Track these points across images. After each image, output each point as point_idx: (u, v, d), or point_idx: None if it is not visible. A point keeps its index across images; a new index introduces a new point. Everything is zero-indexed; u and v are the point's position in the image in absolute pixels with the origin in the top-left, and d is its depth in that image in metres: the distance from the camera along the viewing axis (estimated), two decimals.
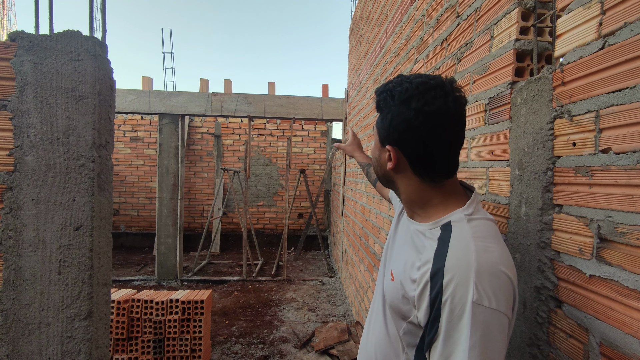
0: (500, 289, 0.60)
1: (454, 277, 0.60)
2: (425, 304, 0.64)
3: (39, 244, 0.89)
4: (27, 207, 0.89)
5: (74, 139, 0.90)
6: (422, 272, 0.66)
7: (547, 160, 0.85)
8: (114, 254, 6.94)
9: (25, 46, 0.89)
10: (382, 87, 0.76)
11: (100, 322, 0.93)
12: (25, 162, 0.89)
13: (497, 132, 1.09)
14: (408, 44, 2.09)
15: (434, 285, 0.62)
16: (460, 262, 0.61)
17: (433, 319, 0.62)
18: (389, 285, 0.77)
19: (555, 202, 0.83)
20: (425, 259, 0.67)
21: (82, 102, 0.89)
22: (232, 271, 5.80)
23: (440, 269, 0.62)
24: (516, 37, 1.00)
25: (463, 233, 0.66)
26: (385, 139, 0.75)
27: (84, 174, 0.90)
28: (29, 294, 0.88)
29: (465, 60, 1.32)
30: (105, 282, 0.96)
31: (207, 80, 5.57)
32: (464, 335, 0.58)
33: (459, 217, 0.69)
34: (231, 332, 3.58)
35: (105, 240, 0.96)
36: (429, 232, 0.71)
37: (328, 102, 5.36)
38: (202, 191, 7.89)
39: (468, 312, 0.58)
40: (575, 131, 0.77)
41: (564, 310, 0.79)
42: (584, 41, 0.74)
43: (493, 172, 1.12)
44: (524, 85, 0.95)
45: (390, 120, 0.72)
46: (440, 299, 0.61)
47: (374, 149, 0.81)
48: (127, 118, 7.74)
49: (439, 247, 0.66)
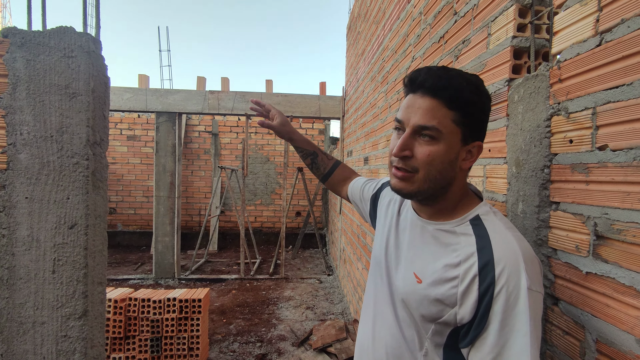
0: (539, 273, 0.64)
1: (505, 266, 0.61)
2: (473, 299, 0.63)
3: (33, 243, 0.88)
4: (20, 206, 0.88)
5: (67, 137, 0.89)
6: (466, 268, 0.64)
7: (544, 157, 0.85)
8: (111, 252, 6.92)
9: (17, 42, 0.88)
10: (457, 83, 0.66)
11: (95, 321, 0.93)
12: (19, 160, 0.88)
13: (494, 129, 1.09)
14: (405, 41, 2.08)
15: (484, 277, 0.62)
16: (508, 252, 0.62)
17: (483, 312, 0.61)
18: (414, 288, 0.72)
19: (552, 200, 0.83)
20: (466, 254, 0.66)
21: (75, 99, 0.88)
22: (230, 270, 5.79)
23: (489, 261, 0.62)
24: (513, 34, 1.00)
25: (496, 225, 0.67)
26: (474, 134, 0.69)
27: (78, 172, 0.89)
28: (23, 292, 0.87)
29: (463, 58, 1.32)
30: (101, 280, 0.95)
31: (204, 78, 5.55)
32: (521, 321, 0.58)
33: (486, 211, 0.70)
34: (229, 331, 3.58)
35: (100, 238, 0.95)
36: (458, 229, 0.70)
37: (325, 100, 5.35)
38: (200, 189, 7.87)
39: (524, 298, 0.59)
40: (572, 128, 0.76)
41: (561, 307, 0.79)
42: (580, 38, 0.74)
43: (490, 169, 1.12)
44: (521, 82, 0.94)
45: (482, 114, 0.69)
46: (493, 290, 0.60)
47: (446, 153, 0.67)
48: (123, 116, 7.70)
49: (479, 241, 0.65)
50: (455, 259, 0.67)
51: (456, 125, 0.66)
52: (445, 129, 0.66)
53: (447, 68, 0.68)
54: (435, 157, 0.67)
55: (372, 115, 3.07)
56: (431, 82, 0.66)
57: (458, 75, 0.67)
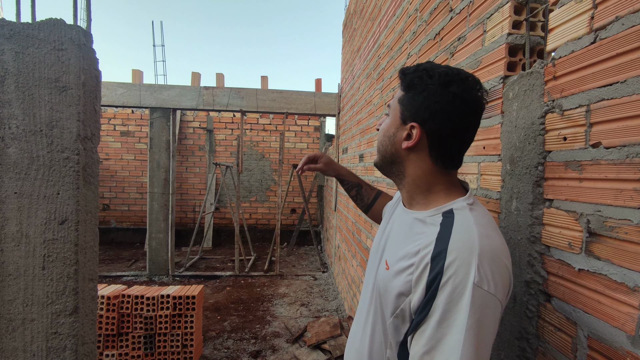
0: (499, 275, 0.61)
1: (456, 259, 0.60)
2: (422, 287, 0.62)
3: (22, 239, 0.86)
4: (9, 201, 0.86)
5: (57, 131, 0.87)
6: (422, 256, 0.65)
7: (538, 155, 0.85)
8: (104, 249, 6.87)
9: (5, 34, 0.86)
10: (414, 67, 0.75)
11: (86, 318, 0.92)
12: (7, 154, 0.86)
13: (489, 126, 1.09)
14: (401, 38, 2.07)
15: (434, 266, 0.61)
16: (464, 245, 0.61)
17: (427, 300, 0.61)
18: (383, 275, 0.74)
19: (545, 197, 0.83)
20: (426, 242, 0.66)
21: (66, 93, 0.86)
22: (225, 266, 5.78)
23: (442, 251, 0.62)
24: (509, 31, 1.00)
25: (466, 219, 0.66)
26: (412, 116, 0.73)
27: (69, 167, 0.88)
28: (12, 289, 0.86)
29: (458, 55, 1.32)
30: (92, 277, 0.94)
31: (199, 73, 5.51)
32: (461, 316, 0.57)
33: (461, 205, 0.70)
34: (223, 328, 3.57)
35: (92, 234, 0.94)
36: (429, 219, 0.71)
37: (321, 97, 5.33)
38: (194, 186, 7.83)
39: (468, 293, 0.57)
40: (566, 126, 0.76)
41: (553, 304, 0.80)
42: (575, 35, 0.74)
43: (485, 166, 1.12)
44: (516, 79, 0.94)
45: (424, 98, 0.72)
46: (440, 280, 0.60)
47: (389, 127, 0.78)
48: (117, 112, 7.63)
49: (441, 231, 0.66)
50: (415, 248, 0.68)
51: (399, 104, 0.76)
52: (392, 106, 0.78)
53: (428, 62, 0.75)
54: (382, 129, 0.80)
55: (367, 112, 3.07)
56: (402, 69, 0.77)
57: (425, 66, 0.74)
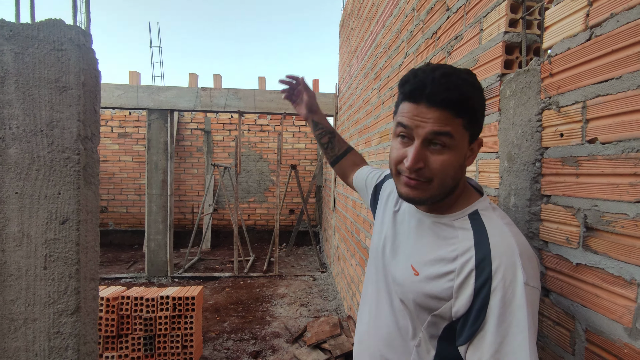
0: (536, 269, 0.65)
1: (502, 262, 0.61)
2: (468, 293, 0.63)
3: (24, 239, 0.86)
4: (10, 201, 0.87)
5: (58, 131, 0.87)
6: (463, 262, 0.65)
7: (535, 151, 0.86)
8: (103, 251, 6.84)
9: (5, 35, 0.86)
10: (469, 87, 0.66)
11: (88, 317, 0.92)
12: (8, 154, 0.86)
13: (486, 124, 1.10)
14: (399, 37, 2.08)
15: (481, 272, 0.62)
16: (505, 248, 0.63)
17: (479, 307, 0.62)
18: (411, 280, 0.73)
19: (543, 193, 0.84)
20: (463, 248, 0.66)
21: (66, 93, 0.87)
22: (224, 267, 5.77)
23: (486, 257, 0.63)
24: (505, 29, 1.01)
25: (495, 220, 0.68)
26: (478, 133, 0.71)
27: (69, 167, 0.88)
28: (14, 289, 0.86)
29: (455, 54, 1.33)
30: (93, 276, 0.94)
31: (196, 75, 5.50)
32: (518, 316, 0.59)
33: (485, 206, 0.71)
34: (223, 328, 3.57)
35: (92, 234, 0.94)
36: (457, 222, 0.71)
37: (319, 97, 5.34)
38: (192, 187, 7.82)
39: (520, 293, 0.59)
40: (562, 122, 0.77)
41: (552, 298, 0.81)
42: (571, 32, 0.75)
43: (483, 164, 1.13)
44: (513, 77, 0.95)
45: (483, 112, 0.70)
46: (490, 286, 0.61)
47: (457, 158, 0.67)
48: (114, 113, 7.61)
49: (477, 236, 0.66)
50: (452, 253, 0.68)
51: (465, 130, 0.67)
52: (457, 135, 0.66)
53: (447, 72, 0.66)
54: (448, 165, 0.67)
55: (365, 112, 3.08)
56: (443, 96, 0.64)
57: (463, 83, 0.65)
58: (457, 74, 0.66)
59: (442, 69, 0.66)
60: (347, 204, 3.87)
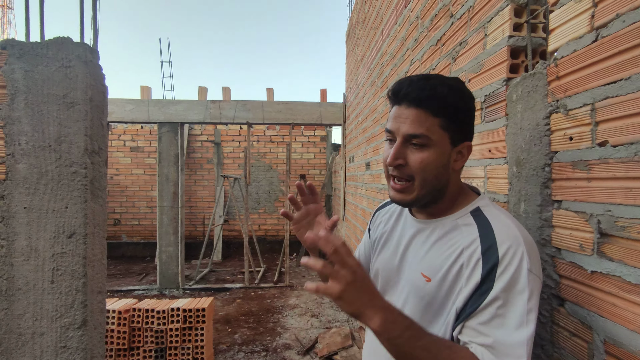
0: (538, 259, 0.67)
1: (509, 249, 0.63)
2: (476, 280, 0.64)
3: (32, 253, 0.87)
4: (19, 216, 0.88)
5: (66, 146, 0.89)
6: (470, 253, 0.66)
7: (544, 156, 0.84)
8: (115, 263, 6.91)
9: (16, 54, 0.89)
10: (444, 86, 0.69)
11: (95, 331, 0.92)
12: (17, 170, 0.88)
13: (493, 129, 1.08)
14: (404, 45, 2.09)
15: (488, 259, 0.64)
16: (511, 237, 0.65)
17: (482, 291, 0.63)
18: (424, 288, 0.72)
19: (554, 198, 0.81)
20: (468, 241, 0.68)
21: (73, 109, 0.89)
22: (234, 278, 5.77)
23: (492, 245, 0.64)
24: (510, 33, 1.00)
25: (497, 214, 0.70)
26: (462, 137, 0.72)
27: (77, 181, 0.89)
28: (22, 303, 0.87)
29: (460, 59, 1.32)
30: (100, 290, 0.95)
31: (206, 88, 5.59)
32: (521, 300, 0.61)
33: (485, 203, 0.74)
34: (234, 340, 3.55)
35: (100, 247, 0.95)
36: (460, 220, 0.72)
37: (327, 107, 5.36)
38: (203, 199, 7.88)
39: (524, 278, 0.61)
40: (571, 125, 0.75)
41: (567, 308, 0.78)
42: (576, 34, 0.73)
43: (491, 170, 1.11)
44: (519, 81, 0.94)
45: (469, 116, 0.73)
46: (496, 271, 0.63)
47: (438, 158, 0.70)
48: (127, 127, 7.76)
49: (481, 228, 0.68)
50: (458, 249, 0.69)
51: (444, 131, 0.69)
52: (434, 135, 0.69)
53: (428, 76, 0.71)
54: (428, 163, 0.69)
55: (372, 120, 3.07)
56: (415, 94, 0.69)
57: (440, 84, 0.69)
58: (438, 78, 0.71)
59: (425, 75, 0.72)
60: (356, 213, 3.85)
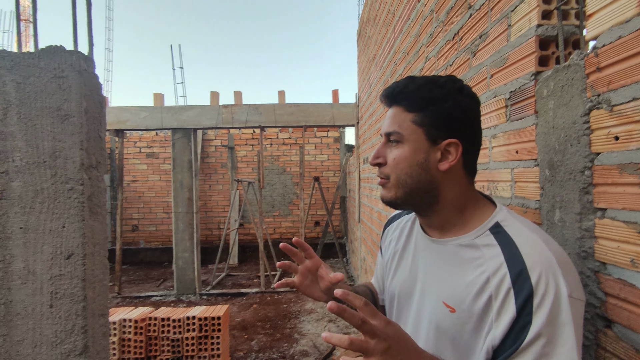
0: (577, 277, 0.59)
1: (542, 274, 0.55)
2: (510, 316, 0.56)
3: (29, 276, 0.83)
4: (15, 237, 0.84)
5: (61, 161, 0.84)
6: (497, 282, 0.58)
7: (583, 158, 0.74)
8: (134, 269, 7.00)
9: (7, 66, 0.85)
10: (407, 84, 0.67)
11: (97, 356, 0.87)
12: (12, 188, 0.84)
13: (521, 129, 0.99)
14: (417, 41, 1.99)
15: (520, 288, 0.55)
16: (541, 258, 0.56)
17: (521, 327, 0.54)
18: (449, 319, 0.65)
19: (596, 206, 0.72)
20: (494, 267, 0.59)
21: (68, 122, 0.84)
22: (251, 283, 5.75)
23: (522, 270, 0.56)
24: (538, 22, 0.90)
25: (520, 229, 0.61)
26: (444, 133, 0.65)
27: (73, 198, 0.84)
28: (20, 329, 0.83)
29: (481, 54, 1.23)
30: (102, 312, 0.90)
31: (218, 92, 5.60)
32: (564, 334, 0.53)
33: (505, 216, 0.65)
34: (250, 347, 3.51)
35: (100, 267, 0.90)
36: (479, 240, 0.64)
37: (339, 108, 5.29)
38: (218, 203, 7.91)
39: (566, 307, 0.53)
40: (617, 123, 0.66)
41: (616, 331, 0.68)
42: (622, 18, 0.64)
43: (519, 173, 1.01)
44: (551, 75, 0.84)
45: (451, 110, 0.65)
46: (532, 302, 0.54)
47: (413, 154, 0.66)
48: (142, 135, 7.86)
49: (505, 250, 0.59)
50: (482, 276, 0.60)
51: (417, 126, 0.66)
52: (405, 131, 0.67)
53: (412, 76, 0.69)
54: (399, 160, 0.67)
55: None
56: (389, 92, 0.69)
57: (419, 79, 0.68)
58: (423, 76, 0.69)
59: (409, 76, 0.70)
60: (372, 216, 3.76)
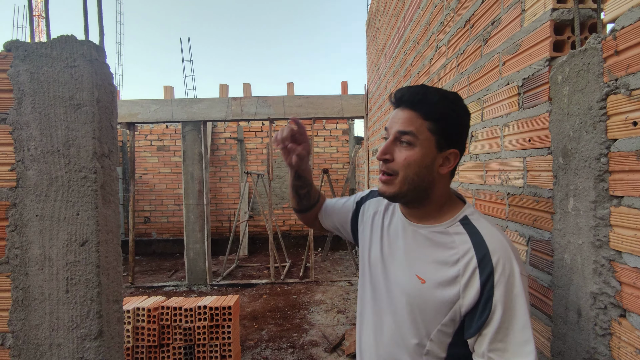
0: (521, 259, 0.75)
1: (500, 257, 0.70)
2: (475, 289, 0.70)
3: (46, 262, 0.85)
4: (31, 224, 0.86)
5: (74, 150, 0.85)
6: (466, 262, 0.72)
7: (599, 144, 0.72)
8: (147, 260, 7.12)
9: (20, 56, 0.86)
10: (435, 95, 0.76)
11: (112, 340, 0.89)
12: (27, 176, 0.86)
13: (534, 116, 0.97)
14: (428, 30, 1.96)
15: (484, 268, 0.70)
16: (500, 245, 0.72)
17: (486, 299, 0.70)
18: (419, 288, 0.77)
19: (612, 194, 0.70)
20: (464, 250, 0.74)
21: (80, 111, 0.85)
22: (261, 274, 5.80)
23: (486, 254, 0.71)
24: (553, 6, 0.88)
25: (484, 223, 0.77)
26: (449, 143, 0.77)
27: (87, 186, 0.86)
28: (38, 314, 0.85)
29: (493, 41, 1.20)
30: (116, 298, 0.92)
31: (227, 85, 5.60)
32: (520, 302, 0.69)
33: (472, 211, 0.80)
34: (261, 337, 3.55)
35: (114, 254, 0.91)
36: (451, 229, 0.78)
37: (348, 100, 5.25)
38: (228, 195, 7.97)
39: (518, 282, 0.69)
40: (635, 108, 0.64)
41: (631, 320, 0.67)
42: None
43: (531, 161, 0.99)
44: (566, 60, 0.82)
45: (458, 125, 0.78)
46: (493, 279, 0.69)
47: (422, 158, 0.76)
48: (153, 127, 7.93)
49: (473, 238, 0.74)
50: (453, 257, 0.75)
51: (431, 134, 0.75)
52: (420, 135, 0.75)
53: (425, 86, 0.78)
54: (411, 161, 0.75)
55: None
56: (409, 97, 0.76)
57: (435, 92, 0.76)
58: (435, 89, 0.77)
59: (423, 85, 0.79)
60: None
